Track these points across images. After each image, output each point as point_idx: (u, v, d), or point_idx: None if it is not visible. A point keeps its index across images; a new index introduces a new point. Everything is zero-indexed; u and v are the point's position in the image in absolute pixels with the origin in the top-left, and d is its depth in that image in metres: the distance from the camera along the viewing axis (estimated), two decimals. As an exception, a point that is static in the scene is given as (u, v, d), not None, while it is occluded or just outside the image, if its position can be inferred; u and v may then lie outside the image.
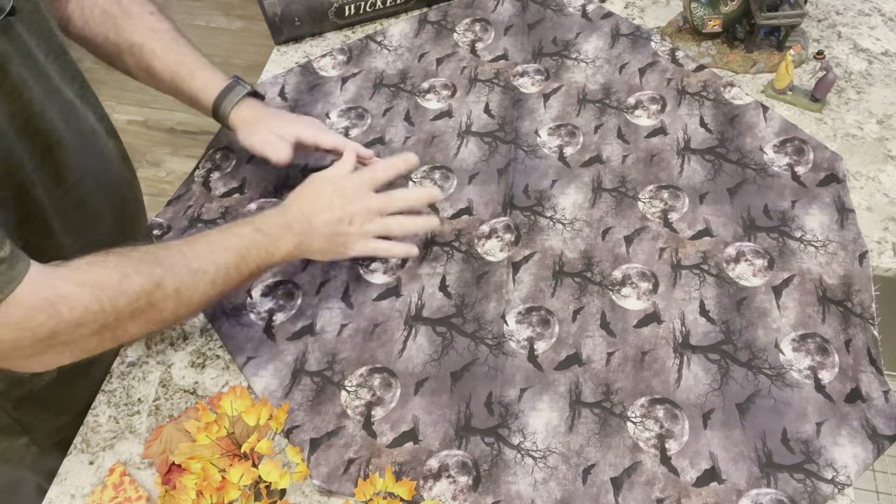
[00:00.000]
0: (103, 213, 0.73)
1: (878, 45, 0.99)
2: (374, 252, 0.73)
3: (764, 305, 0.74)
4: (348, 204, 0.71)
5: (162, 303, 0.60)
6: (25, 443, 0.77)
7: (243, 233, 0.67)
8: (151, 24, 0.79)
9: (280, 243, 0.68)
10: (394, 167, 0.76)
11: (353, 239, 0.71)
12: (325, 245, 0.71)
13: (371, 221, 0.72)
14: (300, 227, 0.69)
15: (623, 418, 0.67)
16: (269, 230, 0.68)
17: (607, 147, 0.89)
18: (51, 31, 0.65)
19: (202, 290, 0.63)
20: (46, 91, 0.63)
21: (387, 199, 0.73)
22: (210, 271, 0.63)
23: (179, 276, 0.61)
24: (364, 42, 1.05)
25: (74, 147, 0.67)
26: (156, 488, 0.64)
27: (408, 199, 0.75)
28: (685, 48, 1.00)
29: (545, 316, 0.74)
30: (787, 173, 0.84)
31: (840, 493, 0.62)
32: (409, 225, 0.74)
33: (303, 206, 0.71)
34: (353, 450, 0.67)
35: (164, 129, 2.22)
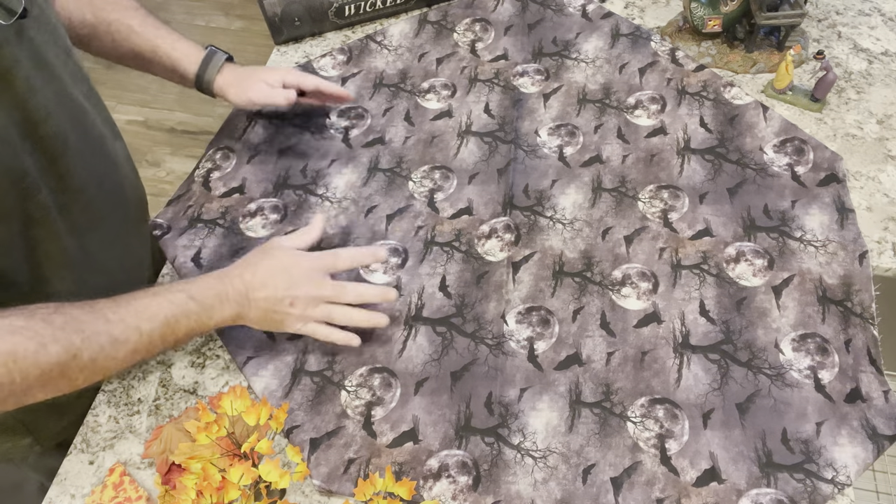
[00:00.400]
0: (109, 216, 0.73)
1: (878, 45, 0.99)
2: (312, 334, 0.70)
3: (764, 305, 0.74)
4: (294, 286, 0.68)
5: (77, 374, 0.57)
6: (29, 443, 0.77)
7: (175, 300, 0.64)
8: (125, 3, 0.82)
9: (213, 312, 0.66)
10: (357, 259, 0.73)
11: (292, 320, 0.69)
12: (262, 319, 0.68)
13: (315, 307, 0.69)
14: (238, 300, 0.67)
15: (623, 418, 0.67)
16: (203, 299, 0.65)
17: (607, 147, 0.89)
18: (58, 31, 0.64)
19: (121, 358, 0.60)
20: (57, 95, 0.62)
21: (337, 291, 0.70)
22: (132, 340, 0.60)
23: (99, 345, 0.58)
24: (364, 42, 1.05)
25: (81, 151, 0.66)
26: (156, 488, 0.64)
27: (361, 295, 0.71)
28: (685, 48, 0.99)
29: (545, 316, 0.74)
30: (787, 173, 0.84)
31: (840, 493, 0.62)
32: (353, 317, 0.70)
33: (245, 277, 0.68)
34: (353, 450, 0.67)
35: (164, 129, 2.22)
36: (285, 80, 0.85)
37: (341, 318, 0.70)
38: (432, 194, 0.86)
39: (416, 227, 0.82)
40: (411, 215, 0.84)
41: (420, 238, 0.81)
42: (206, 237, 0.83)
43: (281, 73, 0.86)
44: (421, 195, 0.86)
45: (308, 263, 0.70)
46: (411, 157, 0.90)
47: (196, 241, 0.83)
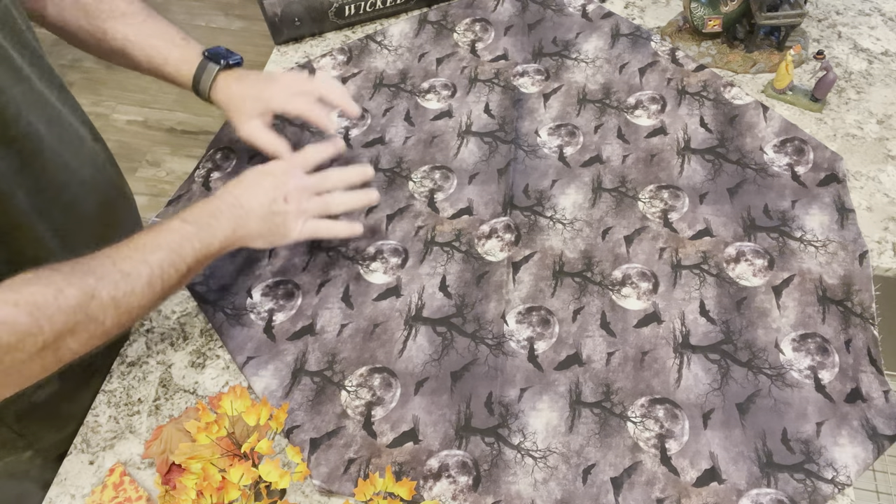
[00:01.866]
0: (93, 217, 0.72)
1: (878, 45, 0.99)
2: (315, 232, 0.71)
3: (764, 305, 0.74)
4: (281, 184, 0.70)
5: (101, 313, 0.57)
6: (29, 456, 0.76)
7: (172, 227, 0.64)
8: (122, 8, 0.77)
9: (213, 230, 0.65)
10: (322, 151, 0.76)
11: (292, 218, 0.70)
12: (263, 227, 0.69)
13: (308, 199, 0.71)
14: (232, 212, 0.67)
15: (623, 418, 0.67)
16: (197, 219, 0.65)
17: (607, 147, 0.89)
18: (23, 33, 0.62)
19: (139, 293, 0.60)
20: (26, 95, 0.60)
21: (320, 178, 0.73)
22: (144, 273, 0.60)
23: (114, 282, 0.58)
24: (364, 42, 1.05)
25: (58, 151, 0.65)
26: (156, 488, 0.64)
27: (342, 178, 0.74)
28: (685, 48, 1.00)
29: (545, 316, 0.74)
30: (787, 173, 0.84)
31: (840, 493, 0.62)
32: (347, 201, 0.73)
33: (233, 191, 0.69)
34: (354, 450, 0.67)
35: (164, 129, 2.22)
36: (270, 109, 0.79)
37: (337, 204, 0.72)
38: (432, 194, 0.86)
39: (417, 227, 0.82)
40: (411, 215, 0.84)
41: (420, 238, 0.81)
42: (206, 237, 0.83)
43: (265, 102, 0.79)
44: (421, 195, 0.86)
45: (282, 164, 0.72)
46: (411, 157, 0.90)
47: (196, 241, 0.83)
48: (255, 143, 0.79)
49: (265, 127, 0.79)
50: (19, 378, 0.54)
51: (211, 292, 0.78)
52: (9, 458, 0.76)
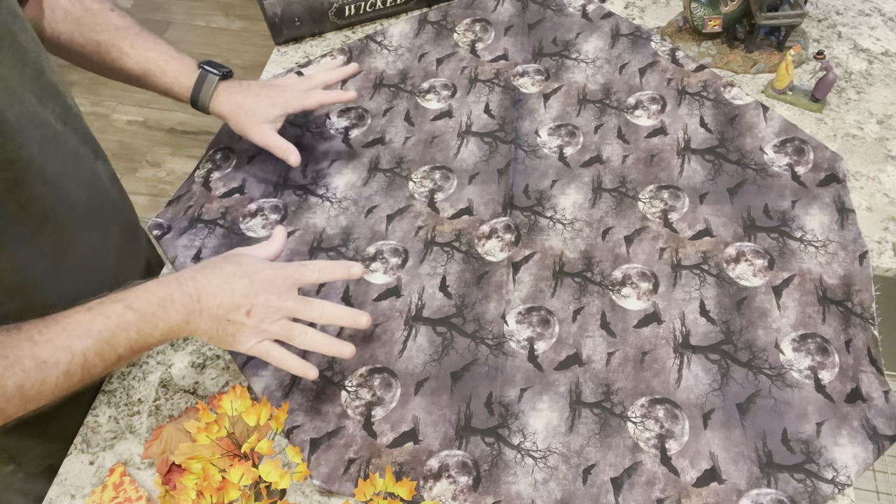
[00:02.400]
0: (82, 240, 0.69)
1: (878, 45, 0.99)
2: (265, 356, 0.63)
3: (764, 305, 0.74)
4: (253, 294, 0.61)
5: (2, 402, 0.52)
6: (12, 470, 0.75)
7: (110, 312, 0.57)
8: (115, 22, 0.77)
9: (156, 321, 0.58)
10: (327, 273, 0.65)
11: (246, 334, 0.61)
12: (212, 329, 0.61)
13: (274, 322, 0.61)
14: (186, 305, 0.59)
15: (623, 418, 0.67)
16: (142, 307, 0.58)
17: (607, 147, 0.89)
18: (24, 50, 0.60)
19: (53, 382, 0.54)
20: (20, 118, 0.57)
21: (300, 305, 0.62)
22: (63, 360, 0.54)
23: (24, 370, 0.52)
24: (364, 42, 1.05)
25: (50, 174, 0.62)
26: (156, 488, 0.64)
27: (326, 314, 0.63)
28: (685, 48, 1.00)
29: (545, 316, 0.74)
30: (788, 173, 0.84)
31: (840, 494, 0.62)
32: (314, 341, 0.63)
33: (199, 279, 0.61)
34: (354, 450, 0.67)
35: (164, 129, 2.22)
36: (287, 111, 0.81)
37: (301, 339, 0.63)
38: (432, 194, 0.86)
39: (417, 228, 0.82)
40: (411, 215, 0.84)
41: (420, 238, 0.81)
42: (207, 237, 0.83)
43: (282, 105, 0.81)
44: (421, 195, 0.86)
45: (272, 272, 0.62)
46: (411, 157, 0.90)
47: (196, 241, 0.83)
48: (270, 146, 0.81)
49: (275, 131, 0.81)
50: None
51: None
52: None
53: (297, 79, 0.85)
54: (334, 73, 0.87)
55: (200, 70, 0.79)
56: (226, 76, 0.81)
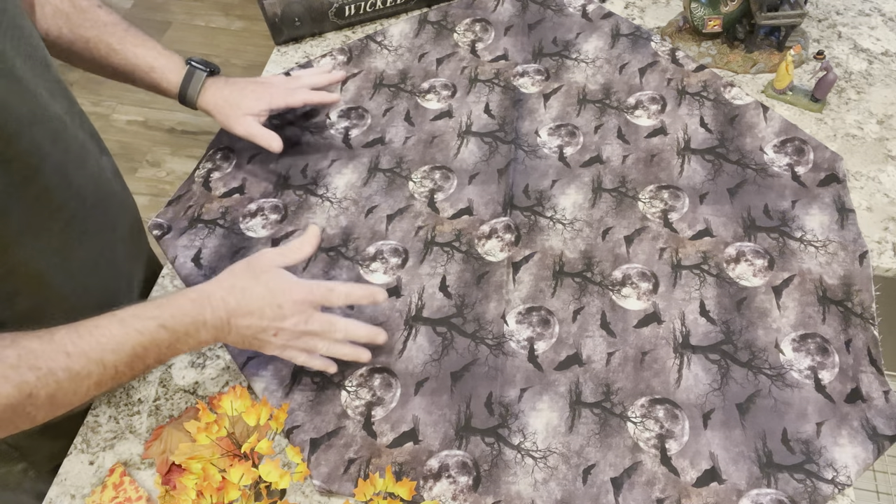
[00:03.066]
0: (92, 234, 0.70)
1: (878, 45, 1.00)
2: (290, 359, 0.67)
3: (764, 305, 0.74)
4: (281, 318, 0.64)
5: (34, 410, 0.53)
6: (23, 468, 0.76)
7: (145, 329, 0.58)
8: (103, 18, 0.78)
9: (188, 339, 0.61)
10: (353, 297, 0.68)
11: (272, 348, 0.66)
12: (240, 342, 0.65)
13: (298, 339, 0.65)
14: (217, 326, 0.62)
15: (623, 418, 0.67)
16: (175, 327, 0.60)
17: (607, 147, 0.89)
18: (34, 43, 0.61)
19: (83, 392, 0.56)
20: (32, 110, 0.59)
21: (325, 328, 0.66)
22: (95, 373, 0.56)
23: (57, 381, 0.54)
24: (364, 42, 1.05)
25: (61, 167, 0.63)
26: (156, 488, 0.64)
27: (349, 333, 0.67)
28: (685, 48, 1.00)
29: (545, 316, 0.74)
30: (788, 173, 0.84)
31: (840, 494, 0.62)
32: (335, 352, 0.67)
33: (229, 302, 0.62)
34: (354, 450, 0.67)
35: (164, 129, 2.22)
36: (272, 106, 0.84)
37: (324, 350, 0.67)
38: (432, 194, 0.86)
39: (417, 228, 0.82)
40: (411, 215, 0.84)
41: (420, 238, 0.81)
42: (207, 237, 0.83)
43: (267, 100, 0.83)
44: (421, 195, 0.86)
45: (300, 295, 0.65)
46: (411, 157, 0.90)
47: (196, 241, 0.83)
48: (253, 137, 0.83)
49: (259, 123, 0.83)
50: None
51: (211, 292, 0.78)
52: (2, 470, 0.75)
53: (284, 78, 0.88)
54: (321, 76, 0.89)
55: (188, 66, 0.81)
56: (213, 72, 0.82)
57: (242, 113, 0.82)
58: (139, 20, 2.54)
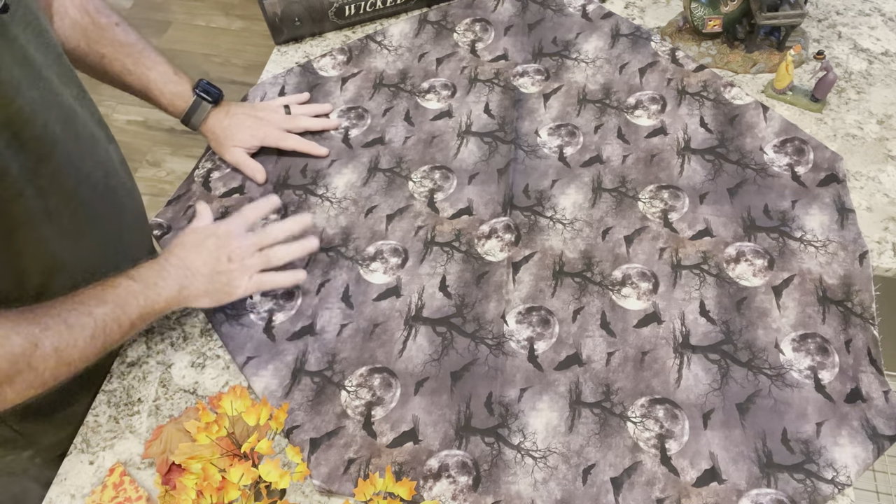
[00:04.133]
0: (103, 220, 0.72)
1: (879, 45, 0.99)
2: (260, 285, 0.73)
3: (764, 305, 0.74)
4: (223, 245, 0.72)
5: (41, 364, 0.58)
6: (30, 455, 0.77)
7: (118, 283, 0.65)
8: (120, 38, 0.82)
9: (159, 289, 0.67)
10: (260, 208, 0.77)
11: (236, 276, 0.71)
12: (209, 286, 0.70)
13: (250, 256, 0.72)
14: (177, 272, 0.69)
15: (623, 418, 0.67)
16: (144, 278, 0.67)
17: (607, 147, 0.89)
18: (45, 30, 0.63)
19: (81, 345, 0.61)
20: (44, 95, 0.61)
21: (261, 234, 0.74)
22: (88, 325, 0.61)
23: (58, 333, 0.59)
24: (364, 42, 1.05)
25: (71, 153, 0.65)
26: (156, 488, 0.64)
27: (283, 230, 0.75)
28: (685, 48, 1.00)
29: (545, 316, 0.74)
30: (788, 173, 0.84)
31: (840, 494, 0.62)
32: (287, 252, 0.75)
33: (177, 252, 0.71)
34: (354, 450, 0.67)
35: (164, 129, 2.22)
36: (264, 144, 0.90)
37: (279, 257, 0.74)
38: (432, 194, 0.86)
39: (416, 227, 0.82)
40: (411, 215, 0.84)
41: (420, 238, 0.81)
42: (206, 237, 0.83)
43: (260, 137, 0.89)
44: (421, 195, 0.86)
45: (225, 225, 0.74)
46: (411, 157, 0.90)
47: (196, 241, 0.83)
48: (240, 167, 0.89)
49: (247, 154, 0.90)
50: None
51: (211, 292, 0.78)
52: (9, 456, 0.76)
53: (282, 116, 0.92)
54: (319, 122, 0.93)
55: (195, 97, 0.87)
56: (217, 101, 0.88)
57: (233, 144, 0.89)
58: (139, 20, 2.54)
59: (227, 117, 0.89)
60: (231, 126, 0.89)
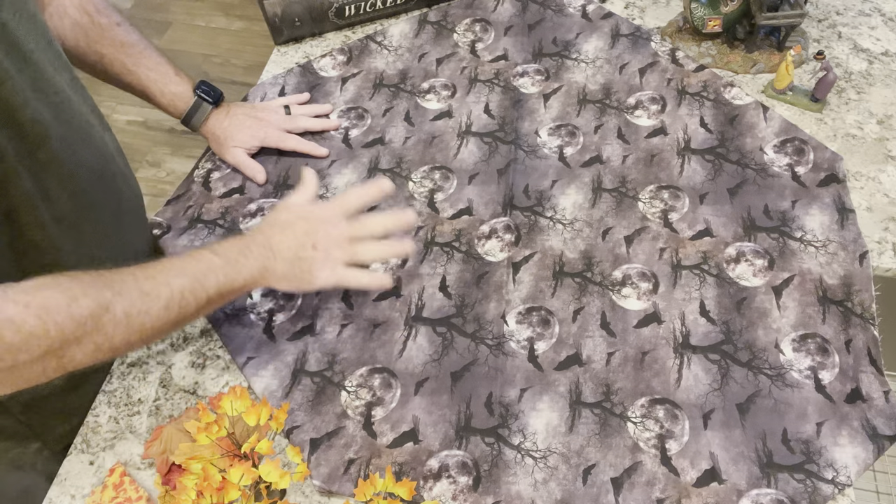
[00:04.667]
0: (101, 206, 0.72)
1: (879, 46, 1.00)
2: (340, 281, 0.69)
3: (764, 305, 0.74)
4: (313, 230, 0.69)
5: (111, 328, 0.57)
6: (37, 448, 0.77)
7: (200, 257, 0.64)
8: (121, 38, 0.82)
9: (239, 267, 0.65)
10: (365, 195, 0.73)
11: (318, 265, 0.68)
12: (289, 270, 0.68)
13: (338, 247, 0.69)
14: (261, 252, 0.67)
15: (623, 418, 0.67)
16: (226, 253, 0.65)
17: (607, 147, 0.89)
18: (37, 19, 0.63)
19: (155, 314, 0.60)
20: (35, 81, 0.61)
21: (355, 226, 0.70)
22: (164, 295, 0.60)
23: (130, 299, 0.58)
24: (364, 42, 1.05)
25: (66, 138, 0.65)
26: (156, 488, 0.64)
27: (380, 225, 0.71)
28: (685, 48, 1.00)
29: (545, 316, 0.74)
30: (788, 173, 0.84)
31: (840, 494, 0.62)
32: (378, 252, 0.71)
33: (265, 231, 0.69)
34: (354, 450, 0.67)
35: (164, 129, 2.22)
36: (264, 144, 0.90)
37: (366, 255, 0.70)
38: (432, 194, 0.86)
39: (416, 228, 0.82)
40: (411, 215, 0.84)
41: (420, 238, 0.81)
42: (207, 237, 0.83)
43: (260, 137, 0.89)
44: (421, 195, 0.86)
45: (321, 210, 0.71)
46: (411, 157, 0.90)
47: (196, 241, 0.83)
48: (240, 167, 0.89)
49: (247, 155, 0.89)
50: (18, 379, 0.55)
51: (211, 292, 0.78)
52: (16, 449, 0.76)
53: (282, 117, 0.92)
54: (319, 123, 0.93)
55: (196, 98, 0.86)
56: (217, 102, 0.88)
57: (233, 145, 0.89)
58: (139, 20, 2.54)
59: (227, 118, 0.89)
60: (231, 127, 0.88)
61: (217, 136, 0.89)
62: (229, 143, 0.89)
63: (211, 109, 0.87)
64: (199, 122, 0.87)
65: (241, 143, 0.89)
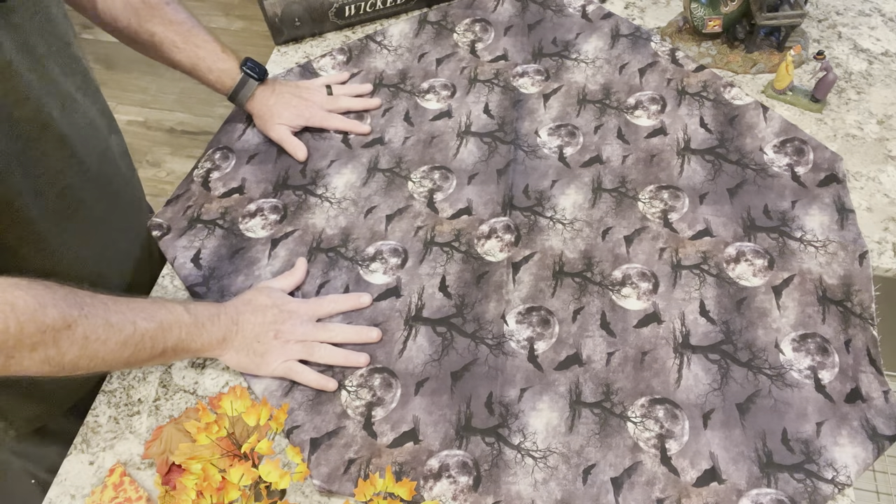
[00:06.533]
0: (91, 205, 0.73)
1: (879, 46, 1.00)
2: (288, 374, 0.70)
3: (764, 305, 0.74)
4: (280, 321, 0.71)
5: (67, 345, 0.58)
6: (3, 427, 0.76)
7: (172, 308, 0.66)
8: (170, 17, 0.84)
9: (203, 331, 0.67)
10: (342, 305, 0.75)
11: (274, 354, 0.70)
12: (246, 349, 0.70)
13: (297, 342, 0.71)
14: (227, 323, 0.69)
15: (623, 418, 0.67)
16: (197, 315, 0.67)
17: (607, 147, 0.89)
18: (56, 22, 0.65)
19: (111, 347, 0.61)
20: (41, 80, 0.63)
21: (320, 329, 0.72)
22: (126, 331, 0.61)
23: (94, 325, 0.59)
24: (364, 42, 1.05)
25: (64, 137, 0.67)
26: (156, 488, 0.64)
27: (342, 334, 0.73)
28: (685, 48, 1.00)
29: (545, 316, 0.74)
30: (787, 173, 0.84)
31: (840, 494, 0.62)
32: (333, 358, 0.71)
33: (238, 306, 0.71)
34: (354, 450, 0.67)
35: (164, 130, 2.22)
36: (309, 124, 0.92)
37: (321, 356, 0.71)
38: (432, 194, 0.86)
39: (416, 228, 0.82)
40: (411, 215, 0.84)
41: (420, 238, 0.81)
42: (206, 238, 0.83)
43: (306, 117, 0.91)
44: (420, 195, 0.86)
45: (296, 305, 0.73)
46: (411, 157, 0.90)
47: (196, 241, 0.83)
48: (283, 143, 0.91)
49: (291, 133, 0.91)
50: None
51: (210, 293, 0.78)
52: None
53: (325, 97, 0.94)
54: (360, 103, 0.95)
55: (242, 74, 0.88)
56: (262, 79, 0.90)
57: (279, 122, 0.90)
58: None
59: (272, 95, 0.91)
60: (277, 104, 0.90)
61: (262, 113, 0.91)
62: (275, 120, 0.90)
63: (257, 86, 0.89)
64: (245, 98, 0.89)
65: (286, 121, 0.90)
